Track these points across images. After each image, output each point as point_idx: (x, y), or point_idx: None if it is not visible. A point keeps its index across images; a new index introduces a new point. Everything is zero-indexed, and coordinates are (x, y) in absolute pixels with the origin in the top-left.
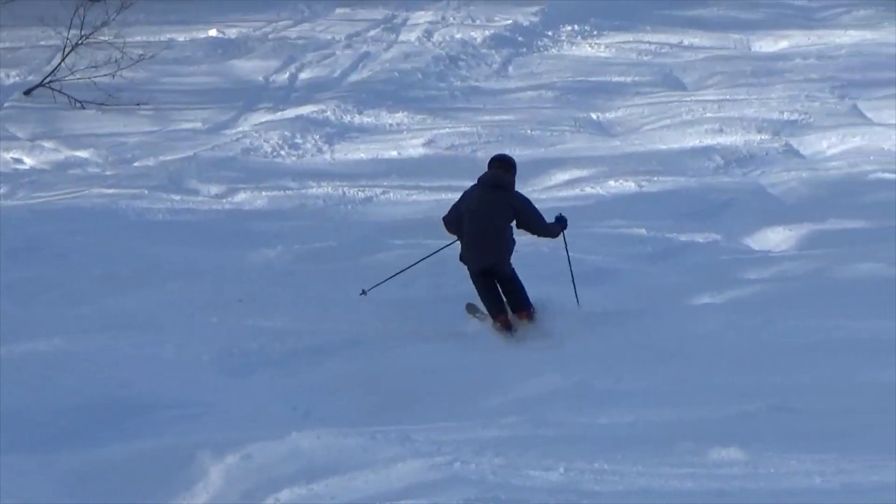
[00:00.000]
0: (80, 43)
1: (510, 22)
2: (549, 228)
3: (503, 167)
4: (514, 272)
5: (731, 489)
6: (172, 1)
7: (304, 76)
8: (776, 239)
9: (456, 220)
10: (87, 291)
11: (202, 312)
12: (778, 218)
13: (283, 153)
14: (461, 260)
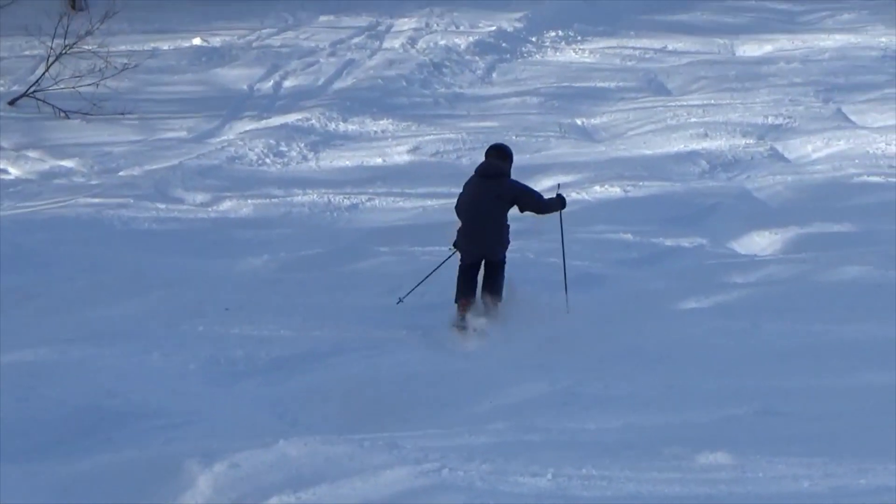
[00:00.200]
0: (63, 52)
1: (494, 28)
2: (549, 205)
3: (499, 155)
4: (503, 264)
5: (719, 494)
6: (156, 10)
7: (288, 84)
8: (762, 243)
9: (460, 207)
10: (72, 301)
11: (188, 321)
12: (763, 222)
13: (268, 161)
14: (454, 245)
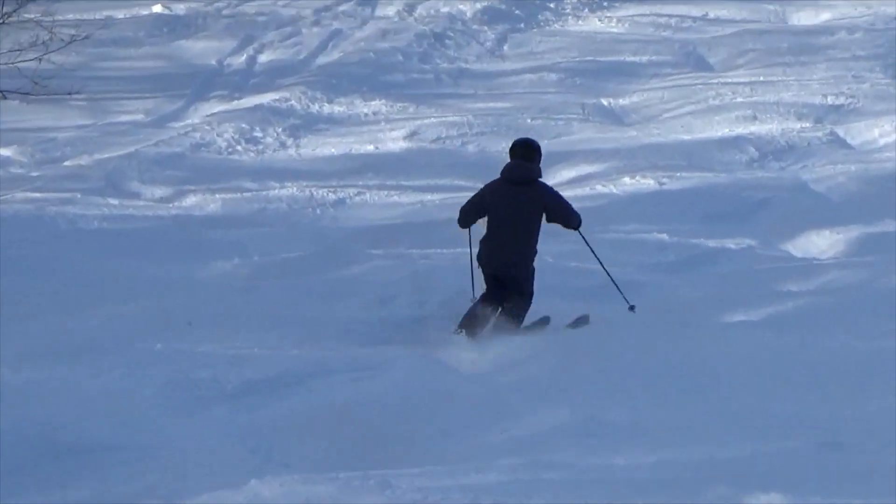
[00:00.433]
0: (1, 22)
1: None
2: (578, 218)
3: (526, 154)
4: (528, 294)
5: None
6: None
7: (264, 59)
8: (821, 244)
9: (474, 213)
10: (7, 314)
11: (145, 337)
12: (823, 219)
13: (239, 149)
14: (478, 261)
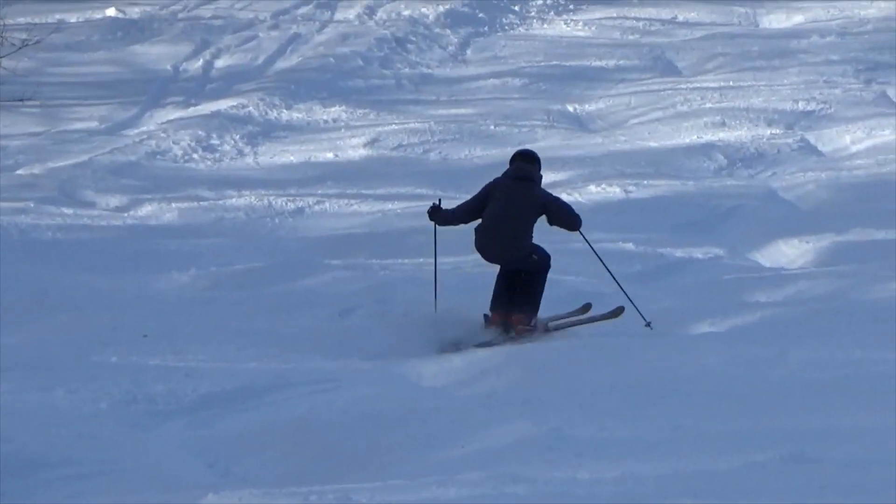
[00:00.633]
0: None
1: None
2: (578, 220)
3: (527, 160)
4: (539, 267)
5: None
6: None
7: (220, 64)
8: (791, 254)
9: (474, 210)
10: None
11: (100, 350)
12: (793, 228)
13: (196, 157)
14: (476, 248)
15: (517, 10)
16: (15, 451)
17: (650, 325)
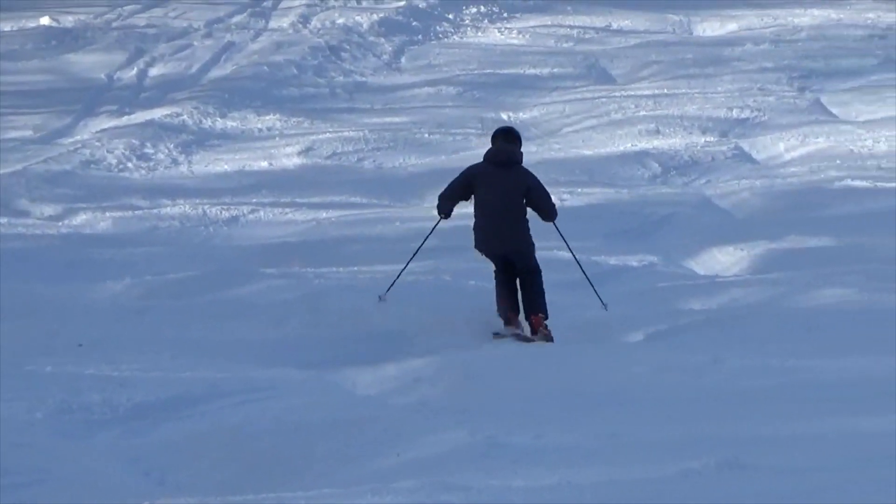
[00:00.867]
0: None
1: (403, 3)
2: (554, 209)
3: (509, 139)
4: (538, 267)
5: None
6: None
7: (155, 72)
8: (725, 261)
9: (457, 197)
10: None
11: (34, 360)
12: (727, 236)
13: (130, 166)
14: (477, 248)
15: (451, 18)
16: None
17: (606, 306)
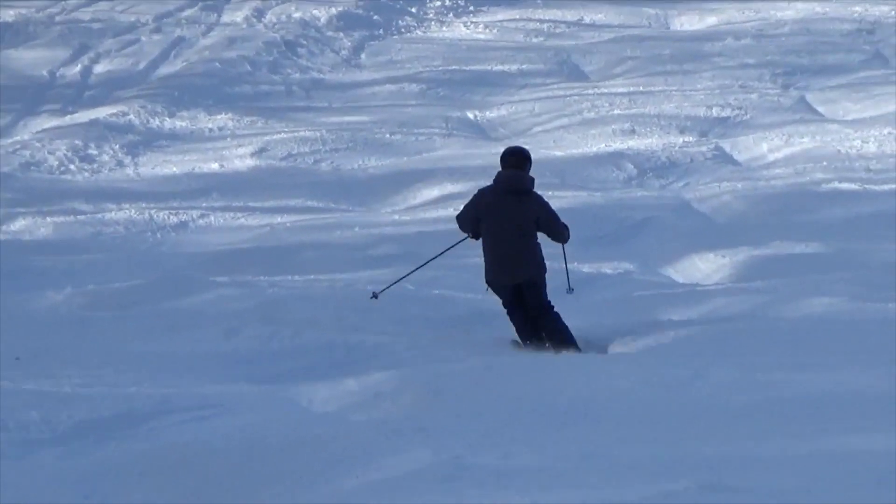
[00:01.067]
0: None
1: None
2: (565, 233)
3: (518, 163)
4: (550, 305)
5: None
6: None
7: (100, 69)
8: (706, 269)
9: (471, 220)
10: None
11: None
12: (707, 242)
13: (73, 168)
14: (487, 283)
15: (414, 11)
16: None
17: (572, 290)
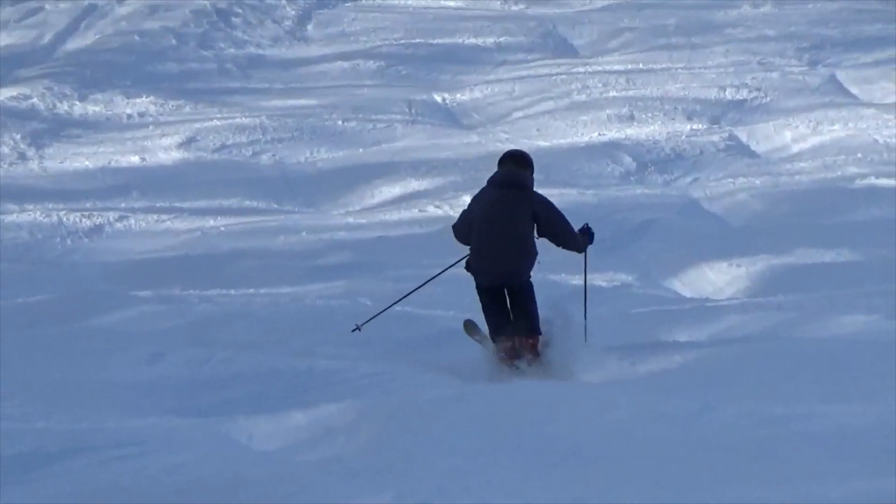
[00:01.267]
0: None
1: None
2: (576, 238)
3: (518, 163)
4: (531, 286)
5: None
6: None
7: None
8: (718, 281)
9: (468, 228)
10: None
11: None
12: (720, 248)
13: None
14: (467, 269)
15: None
16: None
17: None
